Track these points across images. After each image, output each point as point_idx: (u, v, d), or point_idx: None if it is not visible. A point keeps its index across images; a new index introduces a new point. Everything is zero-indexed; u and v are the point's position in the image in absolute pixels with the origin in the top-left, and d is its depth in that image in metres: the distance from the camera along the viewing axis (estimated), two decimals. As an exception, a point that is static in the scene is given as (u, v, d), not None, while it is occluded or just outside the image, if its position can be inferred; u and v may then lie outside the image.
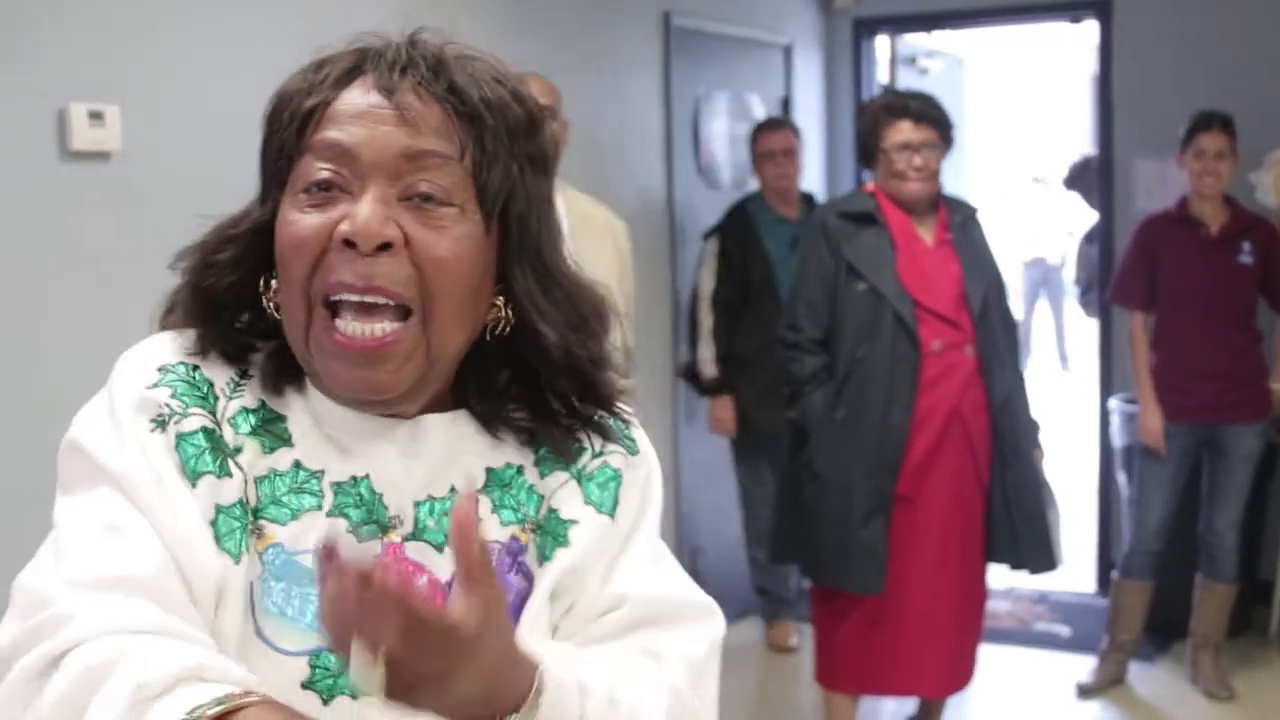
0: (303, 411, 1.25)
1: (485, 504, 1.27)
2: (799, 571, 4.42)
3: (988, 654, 4.25)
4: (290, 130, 1.21)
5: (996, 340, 4.00)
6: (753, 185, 6.12)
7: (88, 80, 3.25)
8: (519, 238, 1.25)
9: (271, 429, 1.23)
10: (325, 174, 1.18)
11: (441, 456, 1.27)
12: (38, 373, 3.15)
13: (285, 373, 1.25)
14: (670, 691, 1.24)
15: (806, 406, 3.98)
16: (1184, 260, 4.95)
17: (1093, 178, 6.73)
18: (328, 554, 0.95)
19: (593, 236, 3.99)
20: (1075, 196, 7.15)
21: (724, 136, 5.98)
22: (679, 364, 5.58)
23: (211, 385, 1.22)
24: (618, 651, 1.25)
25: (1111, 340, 6.29)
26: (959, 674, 4.17)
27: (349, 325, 1.17)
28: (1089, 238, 6.84)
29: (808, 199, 5.62)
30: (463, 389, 1.30)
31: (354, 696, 1.15)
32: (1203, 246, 4.94)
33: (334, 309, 1.18)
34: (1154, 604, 5.16)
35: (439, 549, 1.24)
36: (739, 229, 5.41)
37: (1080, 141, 18.65)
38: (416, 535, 1.24)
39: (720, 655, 1.34)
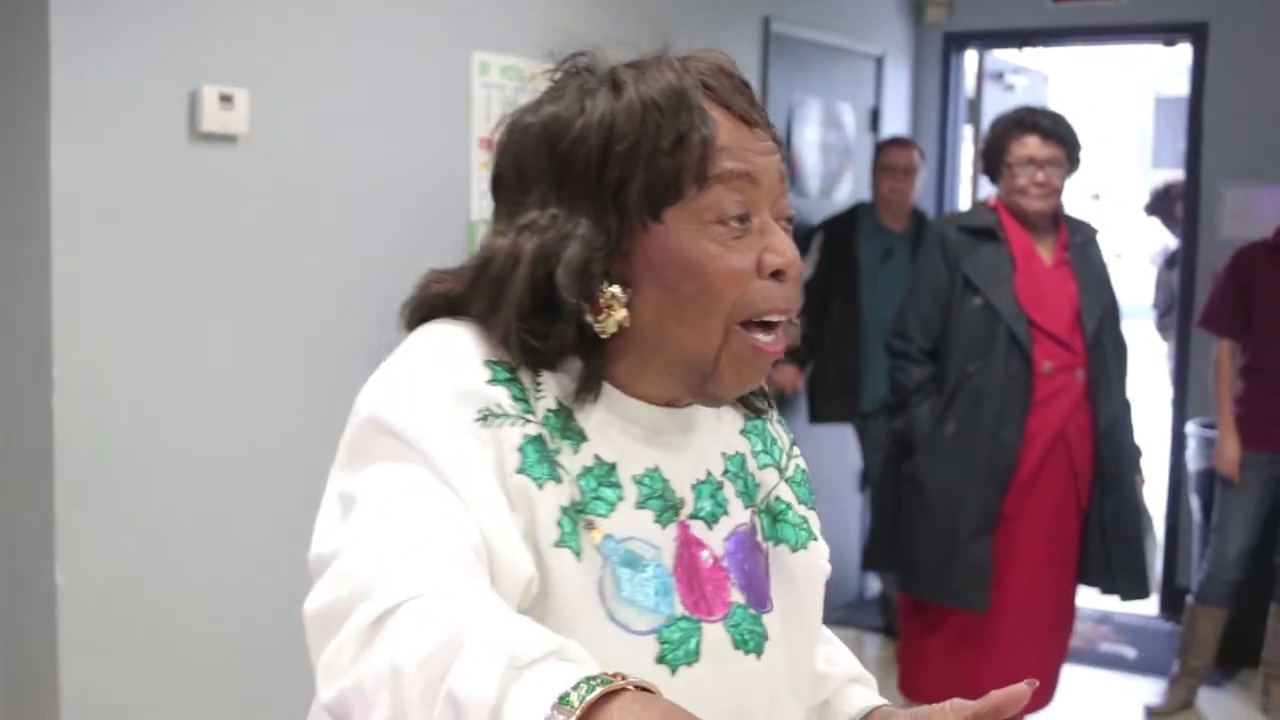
0: (589, 407, 1.30)
1: (730, 488, 1.38)
2: (896, 582, 4.42)
3: (1055, 673, 4.26)
4: (679, 157, 1.24)
5: (1107, 365, 3.99)
6: (840, 195, 6.18)
7: (218, 63, 3.29)
8: None
9: (572, 426, 1.27)
10: (741, 207, 1.26)
11: (698, 444, 1.37)
12: (162, 349, 3.20)
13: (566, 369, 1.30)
14: None
15: (913, 417, 3.98)
16: (1278, 290, 4.94)
17: (1174, 205, 6.71)
18: None
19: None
20: (1154, 222, 7.12)
21: (815, 144, 6.00)
22: None
23: (524, 387, 1.25)
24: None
25: (1189, 365, 6.27)
26: (1043, 694, 4.16)
27: (764, 337, 1.28)
28: (1169, 262, 6.81)
29: (918, 216, 5.75)
30: None
31: (690, 664, 1.27)
32: (1298, 277, 4.93)
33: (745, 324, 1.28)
34: (1225, 630, 5.15)
35: (710, 525, 1.34)
36: (842, 229, 5.67)
37: (1138, 161, 18.62)
38: (695, 515, 1.34)
39: None
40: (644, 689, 0.96)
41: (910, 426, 3.99)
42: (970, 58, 6.92)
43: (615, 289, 1.26)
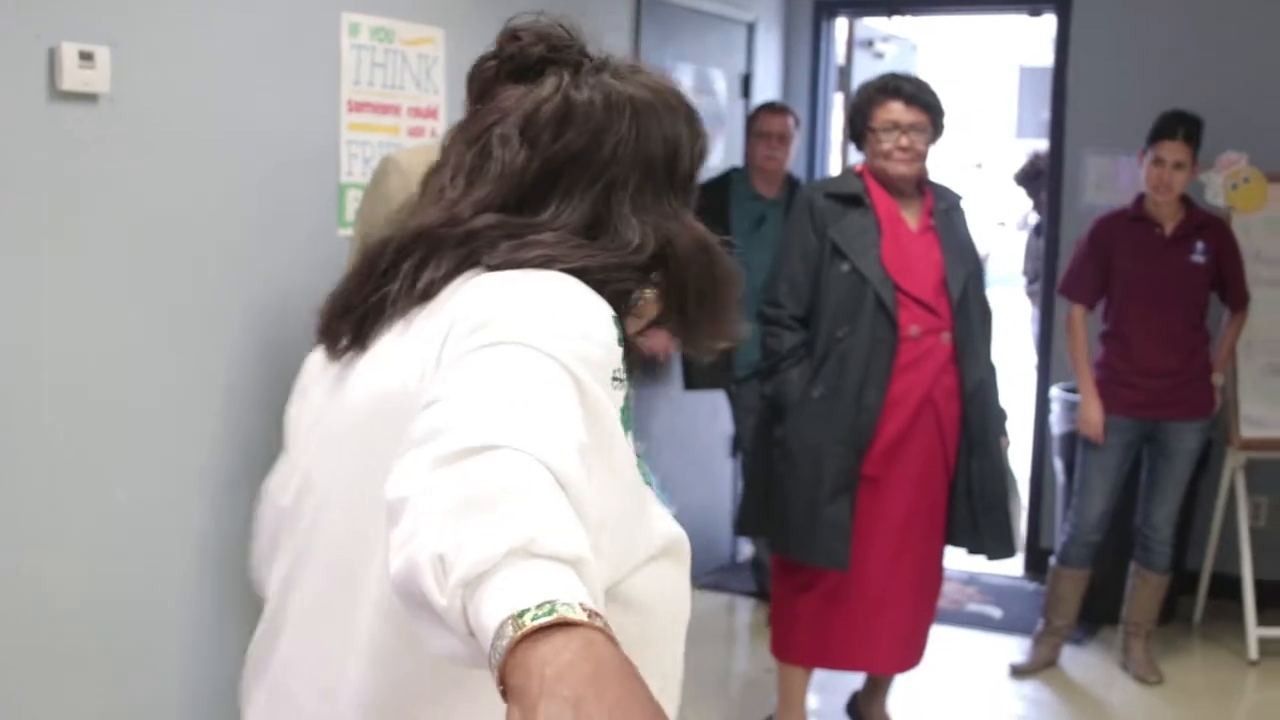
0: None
1: None
2: (768, 545, 4.47)
3: (922, 633, 4.34)
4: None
5: (973, 329, 4.05)
6: (711, 161, 6.17)
7: (79, 19, 3.19)
8: None
9: (628, 369, 1.41)
10: None
11: None
12: (16, 322, 3.11)
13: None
14: None
15: (783, 382, 4.00)
16: (1137, 258, 5.05)
17: (1040, 182, 6.82)
18: None
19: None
20: (1021, 193, 7.24)
21: (687, 110, 5.98)
22: None
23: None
24: None
25: (1053, 330, 6.39)
26: (911, 653, 4.24)
27: None
28: (1037, 230, 6.94)
29: (792, 182, 5.74)
30: None
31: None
32: (1156, 245, 5.04)
33: None
34: (1087, 590, 5.28)
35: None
36: (713, 195, 5.53)
37: (1006, 129, 18.92)
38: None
39: None
40: (604, 631, 0.96)
41: (781, 391, 4.01)
42: (840, 25, 6.97)
43: None
